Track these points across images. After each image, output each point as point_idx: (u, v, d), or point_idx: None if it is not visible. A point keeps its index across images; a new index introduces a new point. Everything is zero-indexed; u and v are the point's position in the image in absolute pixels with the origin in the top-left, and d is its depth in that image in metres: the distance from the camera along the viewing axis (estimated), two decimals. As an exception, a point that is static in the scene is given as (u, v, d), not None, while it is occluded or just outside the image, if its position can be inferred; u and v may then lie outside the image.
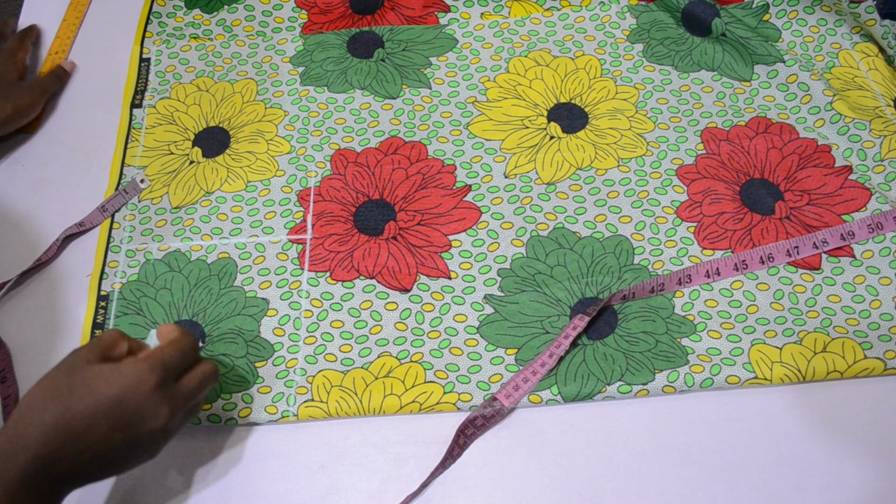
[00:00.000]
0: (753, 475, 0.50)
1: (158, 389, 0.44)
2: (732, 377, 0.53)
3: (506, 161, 0.65)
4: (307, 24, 0.75)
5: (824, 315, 0.56)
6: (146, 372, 0.44)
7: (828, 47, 0.68)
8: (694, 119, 0.66)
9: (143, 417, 0.43)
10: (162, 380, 0.44)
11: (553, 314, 0.57)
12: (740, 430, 0.52)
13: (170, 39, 0.74)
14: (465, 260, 0.60)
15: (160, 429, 0.44)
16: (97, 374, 0.43)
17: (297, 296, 0.59)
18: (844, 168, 0.62)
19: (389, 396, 0.54)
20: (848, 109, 0.64)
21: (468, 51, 0.72)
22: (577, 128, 0.66)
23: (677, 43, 0.71)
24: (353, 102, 0.69)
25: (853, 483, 0.50)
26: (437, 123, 0.67)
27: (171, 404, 0.44)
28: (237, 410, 0.54)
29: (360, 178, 0.65)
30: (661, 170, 0.63)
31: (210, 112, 0.70)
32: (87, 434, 0.42)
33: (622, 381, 0.53)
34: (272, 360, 0.56)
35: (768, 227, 0.60)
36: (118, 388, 0.43)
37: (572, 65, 0.70)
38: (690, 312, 0.56)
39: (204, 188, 0.65)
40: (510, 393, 0.53)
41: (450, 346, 0.56)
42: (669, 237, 0.60)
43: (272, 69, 0.72)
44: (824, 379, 0.53)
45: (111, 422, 0.42)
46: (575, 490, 0.51)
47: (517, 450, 0.52)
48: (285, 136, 0.67)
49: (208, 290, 0.59)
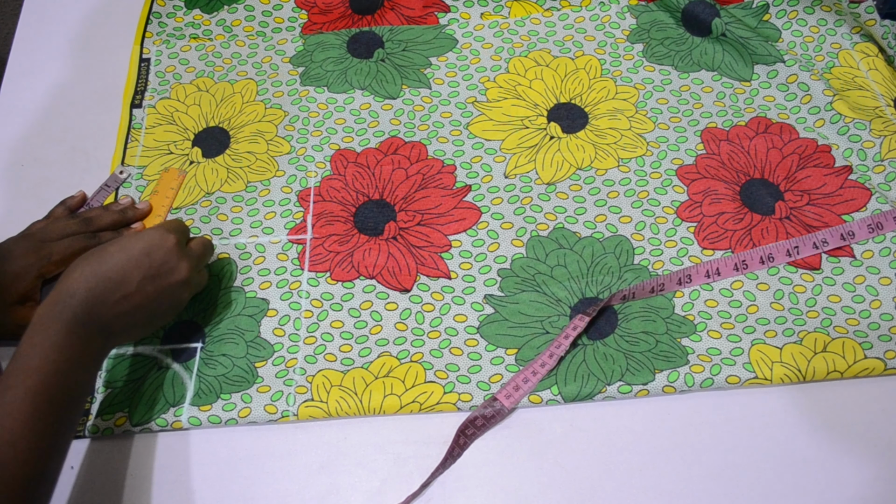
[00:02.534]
0: (753, 475, 0.50)
1: (177, 247, 0.52)
2: (732, 377, 0.53)
3: (506, 161, 0.65)
4: (307, 24, 0.75)
5: (824, 315, 0.56)
6: (165, 232, 0.52)
7: (828, 47, 0.68)
8: (694, 119, 0.66)
9: (169, 269, 0.51)
10: (178, 240, 0.53)
11: (553, 314, 0.57)
12: (740, 430, 0.52)
13: (170, 39, 0.74)
14: (466, 260, 0.60)
15: (183, 280, 0.52)
16: (126, 237, 0.52)
17: (297, 296, 0.59)
18: (844, 168, 0.62)
19: (389, 396, 0.54)
20: (848, 109, 0.64)
21: (468, 51, 0.72)
22: (577, 128, 0.66)
23: (677, 43, 0.71)
24: (353, 102, 0.69)
25: (853, 483, 0.50)
26: (437, 123, 0.67)
27: (188, 260, 0.53)
28: (237, 410, 0.54)
29: (360, 178, 0.65)
30: (661, 170, 0.63)
31: (210, 112, 0.70)
32: (124, 283, 0.49)
33: (622, 381, 0.53)
34: (272, 360, 0.56)
35: (768, 227, 0.60)
36: (145, 244, 0.51)
37: (572, 65, 0.70)
38: (690, 312, 0.56)
39: (204, 188, 0.65)
40: (510, 393, 0.53)
41: (450, 346, 0.56)
42: (669, 237, 0.60)
43: (272, 69, 0.72)
44: (824, 379, 0.53)
45: (142, 272, 0.50)
46: (575, 490, 0.50)
47: (517, 450, 0.52)
48: (285, 137, 0.67)
49: (208, 291, 0.59)
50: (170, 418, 0.54)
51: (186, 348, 0.57)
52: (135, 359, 0.57)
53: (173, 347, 0.57)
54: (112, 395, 0.55)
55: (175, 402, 0.54)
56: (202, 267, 0.56)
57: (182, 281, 0.52)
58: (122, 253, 0.50)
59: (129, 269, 0.49)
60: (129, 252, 0.50)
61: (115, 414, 0.54)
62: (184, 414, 0.54)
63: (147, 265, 0.50)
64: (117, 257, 0.50)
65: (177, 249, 0.52)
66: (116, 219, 0.61)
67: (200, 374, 0.56)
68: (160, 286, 0.51)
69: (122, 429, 0.54)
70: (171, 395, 0.55)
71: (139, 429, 0.54)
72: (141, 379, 0.55)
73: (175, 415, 0.54)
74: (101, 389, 0.55)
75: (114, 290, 0.49)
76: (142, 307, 0.50)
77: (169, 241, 0.52)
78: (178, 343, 0.57)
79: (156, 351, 0.57)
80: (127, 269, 0.49)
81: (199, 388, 0.55)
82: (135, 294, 0.49)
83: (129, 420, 0.54)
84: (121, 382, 0.55)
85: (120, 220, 0.61)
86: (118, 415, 0.54)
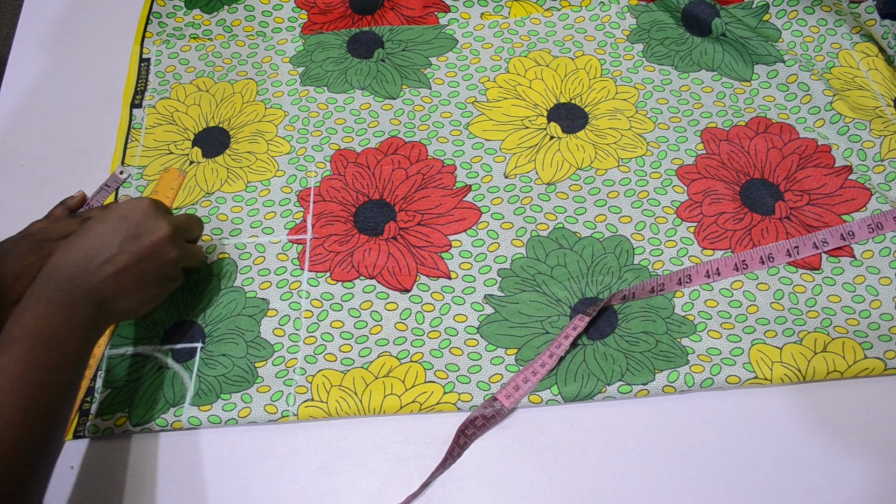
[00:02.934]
0: (753, 475, 0.50)
1: (152, 206, 0.53)
2: (732, 377, 0.53)
3: (506, 161, 0.65)
4: (307, 24, 0.75)
5: (824, 315, 0.56)
6: (139, 198, 0.54)
7: (828, 47, 0.68)
8: (694, 119, 0.66)
9: (148, 227, 0.52)
10: (155, 203, 0.53)
11: (553, 314, 0.57)
12: (740, 430, 0.52)
13: (170, 39, 0.74)
14: (465, 260, 0.60)
15: (166, 238, 0.52)
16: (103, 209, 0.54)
17: (297, 296, 0.59)
18: (844, 168, 0.62)
19: (389, 396, 0.54)
20: (848, 109, 0.64)
21: (468, 51, 0.72)
22: (577, 128, 0.66)
23: (677, 43, 0.71)
24: (353, 102, 0.69)
25: (853, 483, 0.50)
26: (437, 123, 0.67)
27: (167, 220, 0.53)
28: (237, 410, 0.54)
29: (360, 178, 0.65)
30: (661, 170, 0.63)
31: (210, 112, 0.70)
32: (104, 247, 0.50)
33: (622, 381, 0.53)
34: (272, 360, 0.56)
35: (768, 227, 0.60)
36: (120, 209, 0.52)
37: (572, 65, 0.70)
38: (690, 312, 0.56)
39: (204, 188, 0.65)
40: (510, 393, 0.53)
41: (450, 346, 0.56)
42: (669, 237, 0.60)
43: (272, 69, 0.72)
44: (824, 379, 0.53)
45: (121, 235, 0.50)
46: (575, 490, 0.50)
47: (517, 450, 0.52)
48: (285, 137, 0.67)
49: (208, 291, 0.59)
50: (170, 418, 0.54)
51: (186, 348, 0.57)
52: (135, 359, 0.57)
53: (173, 347, 0.57)
54: (112, 395, 0.55)
55: (175, 402, 0.54)
56: (190, 236, 0.56)
57: (165, 239, 0.52)
58: (97, 222, 0.51)
59: (106, 234, 0.50)
60: (105, 219, 0.51)
61: (115, 414, 0.54)
62: (184, 414, 0.54)
63: (125, 227, 0.51)
64: (94, 226, 0.51)
65: (152, 209, 0.53)
66: None
67: (200, 374, 0.56)
68: (143, 245, 0.51)
69: (122, 429, 0.54)
70: (171, 395, 0.55)
71: (139, 429, 0.54)
72: (141, 379, 0.55)
73: (175, 415, 0.54)
74: (101, 389, 0.55)
75: (94, 255, 0.49)
76: (128, 268, 0.50)
77: (142, 202, 0.53)
78: (178, 343, 0.57)
79: (156, 351, 0.57)
80: (105, 233, 0.50)
81: (199, 388, 0.55)
82: (118, 256, 0.50)
83: (129, 420, 0.54)
84: (121, 382, 0.55)
85: None
86: (118, 415, 0.54)
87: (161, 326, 0.58)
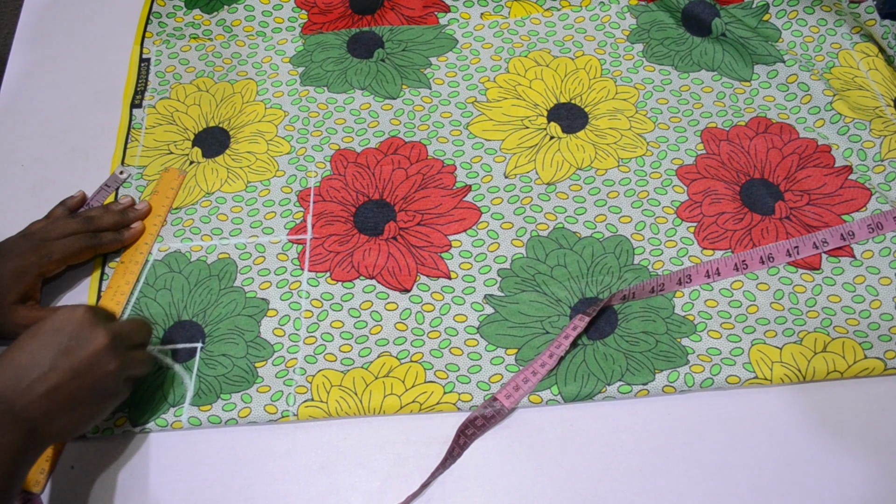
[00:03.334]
0: (753, 475, 0.50)
1: (87, 315, 0.48)
2: (732, 377, 0.53)
3: (506, 161, 0.65)
4: (307, 24, 0.75)
5: (824, 315, 0.56)
6: (73, 307, 0.48)
7: (828, 47, 0.68)
8: (694, 119, 0.66)
9: (83, 339, 0.47)
10: (91, 311, 0.48)
11: (553, 314, 0.57)
12: (740, 430, 0.52)
13: (170, 39, 0.74)
14: (465, 260, 0.60)
15: (103, 350, 0.47)
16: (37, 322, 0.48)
17: (297, 296, 0.59)
18: (844, 168, 0.62)
19: (389, 396, 0.54)
20: (848, 109, 0.64)
21: (468, 51, 0.72)
22: (577, 128, 0.66)
23: (677, 43, 0.71)
24: (353, 102, 0.69)
25: (853, 483, 0.50)
26: (437, 123, 0.67)
27: (106, 329, 0.48)
28: (237, 410, 0.54)
29: (360, 178, 0.65)
30: (661, 170, 0.63)
31: (210, 112, 0.70)
32: (34, 365, 0.45)
33: (622, 381, 0.53)
34: (272, 360, 0.56)
35: (768, 227, 0.60)
36: (52, 322, 0.47)
37: (572, 65, 0.70)
38: (690, 312, 0.56)
39: (204, 188, 0.65)
40: (510, 393, 0.53)
41: (450, 346, 0.56)
42: (669, 237, 0.60)
43: (272, 69, 0.72)
44: (824, 379, 0.53)
45: (52, 350, 0.46)
46: (575, 490, 0.51)
47: (517, 450, 0.52)
48: (285, 137, 0.67)
49: (208, 291, 0.59)
50: (170, 418, 0.54)
51: (186, 348, 0.57)
52: (135, 359, 0.57)
53: (173, 347, 0.57)
54: (112, 395, 0.55)
55: (175, 403, 0.54)
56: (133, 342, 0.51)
57: (102, 350, 0.47)
58: (28, 336, 0.47)
59: (36, 349, 0.46)
60: (36, 333, 0.47)
61: (115, 414, 0.54)
62: (184, 414, 0.54)
63: (57, 341, 0.46)
64: (24, 341, 0.46)
65: (87, 318, 0.48)
66: (116, 219, 0.61)
67: (200, 374, 0.56)
68: (77, 360, 0.46)
69: (122, 429, 0.54)
70: (171, 396, 0.55)
71: (139, 429, 0.54)
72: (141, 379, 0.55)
73: (175, 415, 0.54)
74: (101, 389, 0.55)
75: (23, 375, 0.45)
76: (61, 387, 0.46)
77: (77, 311, 0.48)
78: (178, 343, 0.57)
79: (156, 351, 0.57)
80: (34, 349, 0.46)
81: (199, 388, 0.55)
82: (49, 374, 0.45)
83: (129, 420, 0.54)
84: (121, 382, 0.56)
85: (120, 221, 0.61)
86: (118, 415, 0.54)
87: (161, 326, 0.58)
